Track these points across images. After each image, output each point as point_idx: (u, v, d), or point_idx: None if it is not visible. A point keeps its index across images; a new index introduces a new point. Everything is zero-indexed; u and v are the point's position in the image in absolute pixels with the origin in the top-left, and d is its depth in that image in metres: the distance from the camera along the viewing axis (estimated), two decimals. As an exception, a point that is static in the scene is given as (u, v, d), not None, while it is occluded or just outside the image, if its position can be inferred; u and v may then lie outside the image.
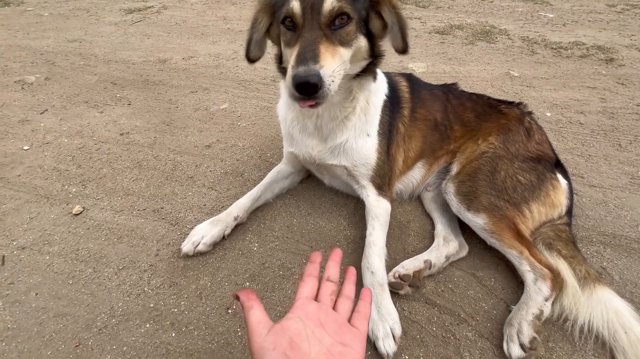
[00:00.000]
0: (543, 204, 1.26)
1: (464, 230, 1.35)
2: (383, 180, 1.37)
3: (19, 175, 1.69)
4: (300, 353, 0.61)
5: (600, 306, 1.03)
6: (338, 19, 0.98)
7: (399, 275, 1.15)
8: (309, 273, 0.77)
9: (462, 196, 1.28)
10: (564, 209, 1.30)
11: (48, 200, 1.54)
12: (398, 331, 1.00)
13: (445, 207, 1.41)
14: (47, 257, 1.27)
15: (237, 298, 0.70)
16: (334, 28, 0.99)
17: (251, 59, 1.18)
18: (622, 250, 1.32)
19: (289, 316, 0.68)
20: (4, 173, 1.71)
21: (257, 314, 0.67)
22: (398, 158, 1.42)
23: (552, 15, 4.52)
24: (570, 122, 2.15)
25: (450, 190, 1.33)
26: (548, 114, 2.24)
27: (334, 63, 0.95)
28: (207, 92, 2.53)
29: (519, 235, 1.19)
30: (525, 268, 1.13)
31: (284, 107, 1.38)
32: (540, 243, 1.23)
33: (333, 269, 0.79)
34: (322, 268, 0.81)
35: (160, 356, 0.98)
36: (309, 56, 0.90)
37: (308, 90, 0.89)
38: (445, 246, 1.27)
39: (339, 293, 0.77)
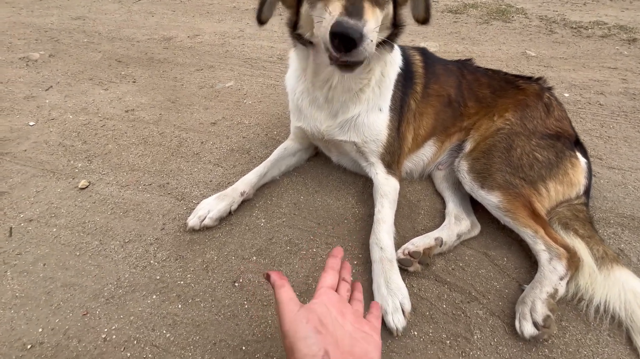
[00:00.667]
0: (561, 182, 1.21)
1: (476, 208, 1.31)
2: (392, 158, 1.33)
3: (25, 150, 1.68)
4: (329, 330, 0.66)
5: (617, 287, 1.00)
6: None
7: (408, 252, 1.13)
8: (331, 266, 0.84)
9: (476, 174, 1.24)
10: (582, 188, 1.25)
11: (54, 174, 1.53)
12: (407, 307, 0.98)
13: (456, 186, 1.37)
14: (54, 229, 1.27)
15: (268, 277, 0.77)
16: None
17: (262, 21, 1.12)
18: (641, 232, 1.27)
19: (314, 301, 0.73)
20: (11, 148, 1.70)
21: (288, 293, 0.72)
22: (407, 136, 1.37)
23: (572, -6, 4.30)
24: (590, 103, 2.06)
25: (463, 168, 1.28)
26: (566, 95, 2.15)
27: (374, 24, 0.90)
28: (213, 70, 2.48)
29: (534, 214, 1.15)
30: (539, 247, 1.09)
31: (294, 78, 1.32)
32: (557, 223, 1.19)
33: (346, 275, 0.87)
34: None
35: (167, 326, 0.97)
36: (354, 10, 0.83)
37: (345, 44, 0.81)
38: (456, 225, 1.23)
39: (350, 297, 0.84)
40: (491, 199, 1.18)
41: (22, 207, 1.37)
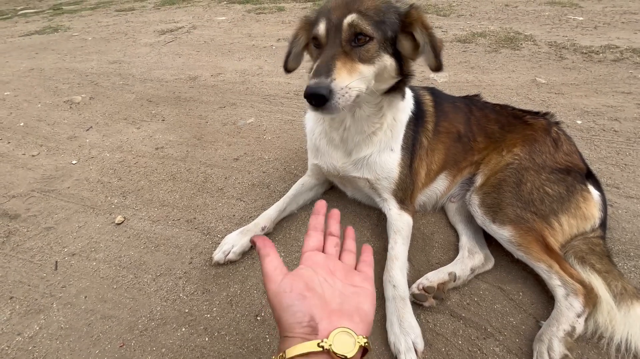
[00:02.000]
0: (573, 216, 1.23)
1: (490, 242, 1.33)
2: (405, 194, 1.39)
3: (69, 187, 1.86)
4: (315, 293, 0.64)
5: (638, 324, 0.99)
6: (357, 37, 1.03)
7: (422, 287, 1.16)
8: (314, 227, 0.80)
9: (487, 208, 1.28)
10: (596, 221, 1.26)
11: (94, 210, 1.69)
12: (420, 346, 1.01)
13: (469, 219, 1.40)
14: (94, 263, 1.39)
15: (254, 243, 0.74)
16: (354, 45, 1.04)
17: (288, 70, 1.28)
18: (663, 266, 1.25)
19: (300, 267, 0.71)
20: (56, 185, 1.88)
21: (273, 262, 0.69)
22: (421, 172, 1.44)
23: (581, 18, 4.36)
24: (604, 130, 2.07)
25: (474, 202, 1.33)
26: (579, 122, 2.16)
27: (349, 78, 1.00)
28: (235, 107, 2.66)
29: (547, 248, 1.17)
30: (555, 282, 1.10)
31: (312, 120, 1.44)
32: (573, 257, 1.20)
33: (334, 226, 0.83)
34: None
35: (195, 359, 1.04)
36: (322, 70, 0.97)
37: (317, 101, 0.96)
38: (470, 259, 1.26)
39: (341, 249, 0.80)
40: (503, 233, 1.21)
41: (66, 242, 1.51)
